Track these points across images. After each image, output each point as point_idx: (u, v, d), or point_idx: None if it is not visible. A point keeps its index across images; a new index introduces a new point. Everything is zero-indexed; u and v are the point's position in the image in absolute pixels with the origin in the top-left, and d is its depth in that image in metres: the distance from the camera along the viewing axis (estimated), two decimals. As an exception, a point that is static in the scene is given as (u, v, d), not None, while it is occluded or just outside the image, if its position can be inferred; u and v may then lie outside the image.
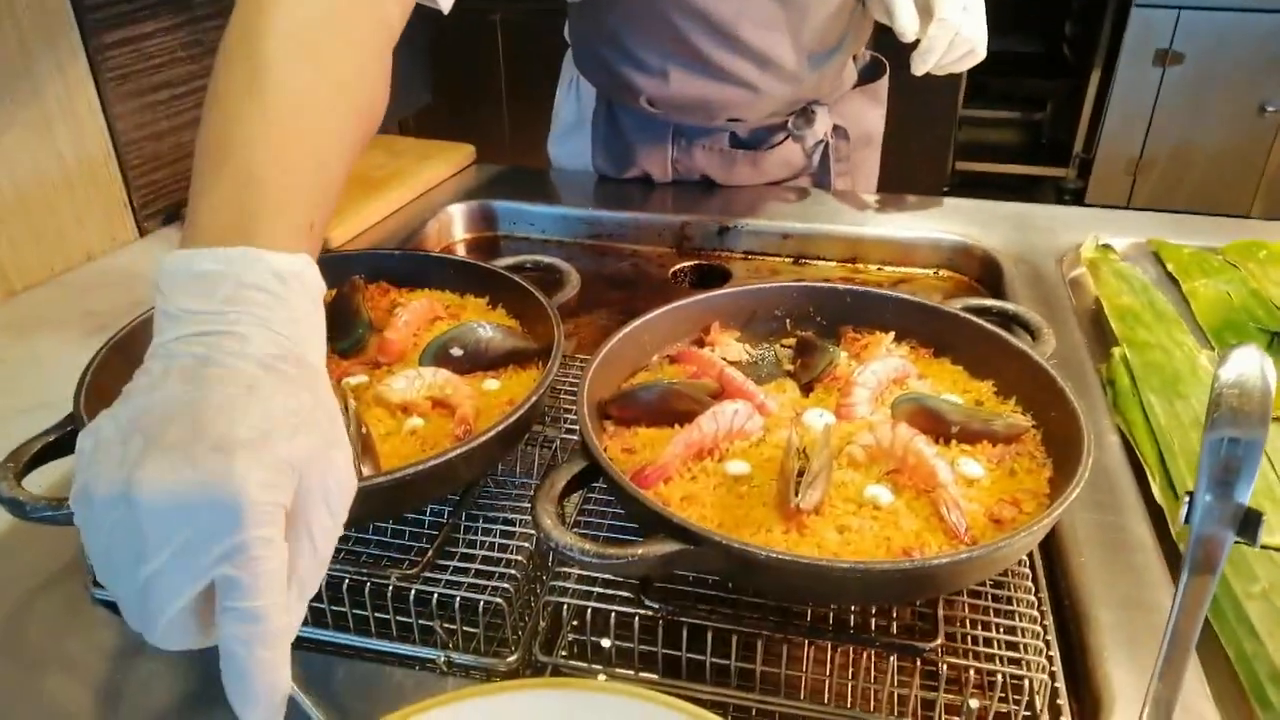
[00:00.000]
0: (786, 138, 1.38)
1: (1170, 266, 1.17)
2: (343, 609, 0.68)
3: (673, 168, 1.41)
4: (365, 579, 0.68)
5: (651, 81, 1.29)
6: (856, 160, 1.46)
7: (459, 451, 0.67)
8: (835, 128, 1.40)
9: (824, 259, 1.29)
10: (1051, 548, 0.76)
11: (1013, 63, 3.83)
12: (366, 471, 0.67)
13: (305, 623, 0.68)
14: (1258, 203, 3.18)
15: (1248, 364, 0.50)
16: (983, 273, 1.23)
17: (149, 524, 0.46)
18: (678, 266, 1.29)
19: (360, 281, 0.90)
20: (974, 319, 0.83)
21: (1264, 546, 0.75)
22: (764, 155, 1.40)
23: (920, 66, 1.16)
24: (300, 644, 0.69)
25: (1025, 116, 3.96)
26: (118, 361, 0.80)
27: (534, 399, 0.73)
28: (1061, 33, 3.88)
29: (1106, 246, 1.21)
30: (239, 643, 0.47)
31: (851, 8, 1.25)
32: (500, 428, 0.69)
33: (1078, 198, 3.43)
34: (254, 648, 0.47)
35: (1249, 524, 0.47)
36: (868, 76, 1.45)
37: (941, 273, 1.26)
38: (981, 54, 1.18)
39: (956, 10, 1.12)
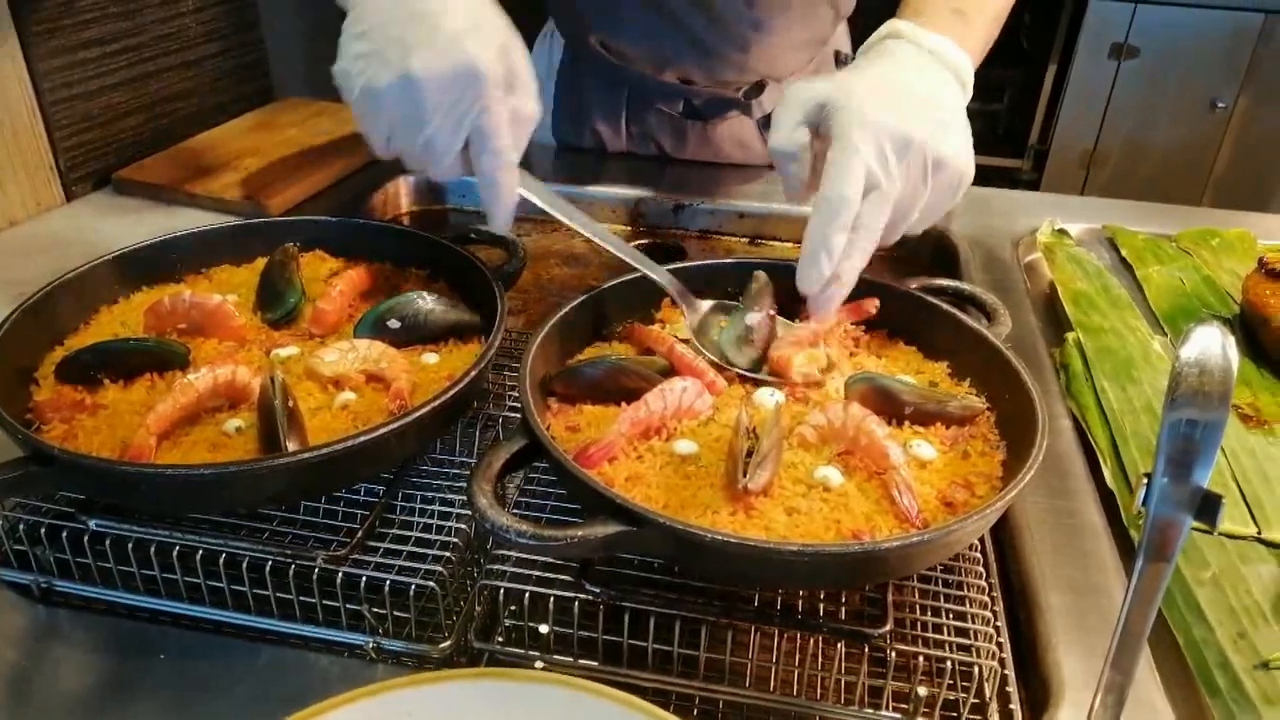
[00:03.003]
0: (738, 114, 1.35)
1: (1125, 252, 1.17)
2: (265, 592, 0.64)
3: (626, 130, 1.38)
4: (289, 561, 0.64)
5: (603, 20, 1.28)
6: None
7: (391, 427, 0.63)
8: None
9: (780, 239, 1.27)
10: (1002, 532, 0.75)
11: (971, 53, 3.86)
12: (292, 447, 0.64)
13: (224, 607, 0.65)
14: (1206, 197, 3.22)
15: (1209, 343, 0.48)
16: (938, 255, 1.21)
17: (426, 98, 0.70)
18: (632, 244, 1.25)
19: (294, 249, 0.86)
20: (928, 299, 0.82)
21: (1219, 533, 0.75)
22: (716, 128, 1.36)
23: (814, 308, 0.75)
24: (220, 629, 0.66)
25: (982, 106, 3.98)
26: (30, 327, 0.76)
27: (473, 373, 0.69)
28: (1020, 24, 3.90)
29: (1062, 231, 1.21)
30: (491, 172, 0.74)
31: None
32: (436, 402, 0.66)
33: (1032, 189, 3.45)
34: (499, 173, 0.75)
35: (1208, 507, 0.46)
36: None
37: (897, 255, 1.24)
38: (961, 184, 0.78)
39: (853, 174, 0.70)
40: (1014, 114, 3.77)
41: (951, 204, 0.78)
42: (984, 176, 0.90)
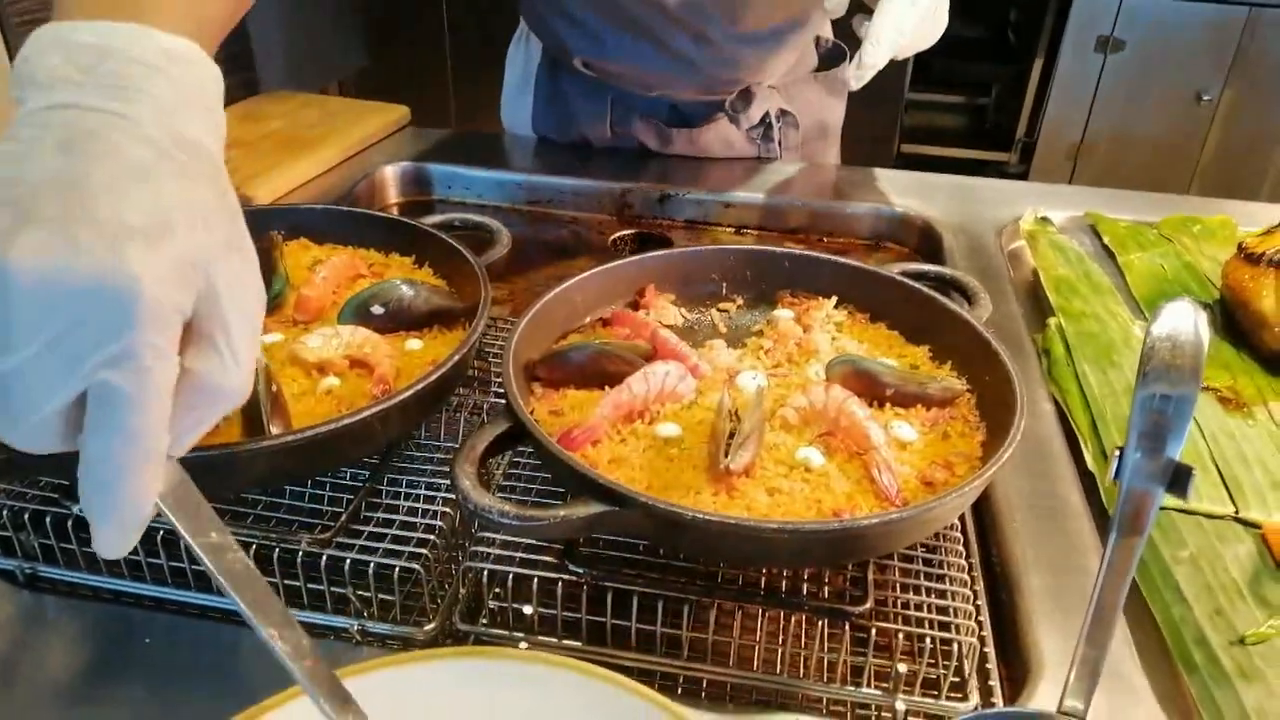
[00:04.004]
0: (724, 118, 1.35)
1: (1107, 239, 1.17)
2: (250, 576, 0.64)
3: (611, 132, 1.38)
4: (274, 544, 0.64)
5: (586, 44, 1.26)
6: (810, 152, 1.42)
7: (375, 410, 0.64)
8: (784, 113, 1.37)
9: (765, 229, 1.27)
10: (984, 513, 0.75)
11: (958, 47, 3.85)
12: (276, 430, 0.64)
13: (208, 590, 0.65)
14: (1193, 189, 3.24)
15: (1181, 319, 0.49)
16: (923, 243, 1.22)
17: (20, 309, 0.40)
18: (618, 234, 1.26)
19: (278, 237, 0.86)
20: (910, 283, 0.82)
21: (1192, 512, 0.76)
22: (703, 134, 1.36)
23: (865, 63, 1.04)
24: (205, 614, 0.66)
25: (970, 101, 3.99)
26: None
27: (456, 358, 0.70)
28: (1006, 18, 3.91)
29: (1045, 219, 1.21)
30: (108, 461, 0.42)
31: None
32: (419, 387, 0.66)
33: (1020, 181, 3.47)
34: (126, 468, 0.42)
35: (1179, 478, 0.46)
36: (828, 63, 1.41)
37: (883, 243, 1.25)
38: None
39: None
40: (1001, 108, 3.79)
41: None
42: (972, 169, 0.93)
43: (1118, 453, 0.48)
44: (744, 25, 1.20)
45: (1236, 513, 0.76)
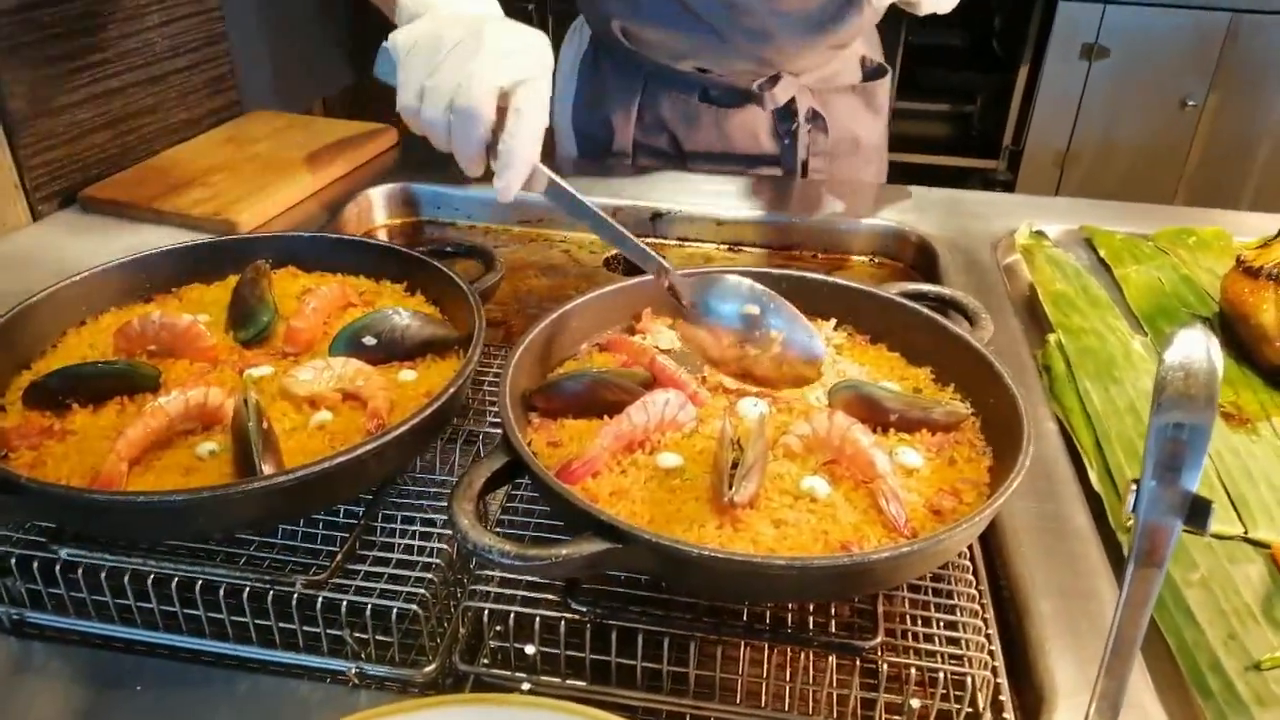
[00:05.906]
0: (753, 108, 1.36)
1: (1103, 252, 1.17)
2: (243, 619, 0.63)
3: (639, 118, 1.39)
4: (268, 586, 0.63)
5: (625, 5, 1.30)
6: (842, 167, 1.42)
7: (369, 447, 0.62)
8: (815, 115, 1.37)
9: (758, 246, 1.26)
10: (990, 538, 0.74)
11: (942, 56, 3.87)
12: (268, 470, 0.62)
13: (201, 635, 0.64)
14: (1179, 195, 3.25)
15: (1193, 346, 0.48)
16: (918, 259, 1.21)
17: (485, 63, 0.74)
18: (610, 254, 1.25)
19: (266, 266, 0.85)
20: (911, 304, 0.81)
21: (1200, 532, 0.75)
22: (730, 117, 1.37)
23: None
24: (197, 658, 0.64)
25: (955, 109, 4.00)
26: (-5, 352, 0.74)
27: (452, 390, 0.68)
28: (991, 27, 3.93)
29: (1040, 233, 1.21)
30: (515, 137, 0.74)
31: None
32: (415, 421, 0.65)
33: (1007, 189, 3.47)
34: (521, 141, 0.75)
35: (1198, 511, 0.45)
36: (869, 77, 1.42)
37: (877, 259, 1.24)
38: None
39: None
40: (986, 116, 3.80)
41: None
42: (959, 178, 0.93)
43: (1134, 485, 0.46)
44: (779, 2, 1.22)
45: (1246, 533, 0.75)
